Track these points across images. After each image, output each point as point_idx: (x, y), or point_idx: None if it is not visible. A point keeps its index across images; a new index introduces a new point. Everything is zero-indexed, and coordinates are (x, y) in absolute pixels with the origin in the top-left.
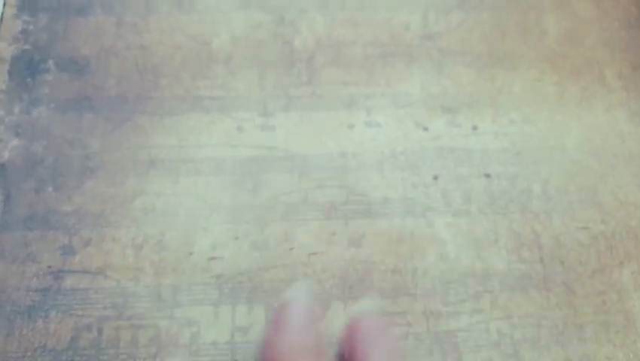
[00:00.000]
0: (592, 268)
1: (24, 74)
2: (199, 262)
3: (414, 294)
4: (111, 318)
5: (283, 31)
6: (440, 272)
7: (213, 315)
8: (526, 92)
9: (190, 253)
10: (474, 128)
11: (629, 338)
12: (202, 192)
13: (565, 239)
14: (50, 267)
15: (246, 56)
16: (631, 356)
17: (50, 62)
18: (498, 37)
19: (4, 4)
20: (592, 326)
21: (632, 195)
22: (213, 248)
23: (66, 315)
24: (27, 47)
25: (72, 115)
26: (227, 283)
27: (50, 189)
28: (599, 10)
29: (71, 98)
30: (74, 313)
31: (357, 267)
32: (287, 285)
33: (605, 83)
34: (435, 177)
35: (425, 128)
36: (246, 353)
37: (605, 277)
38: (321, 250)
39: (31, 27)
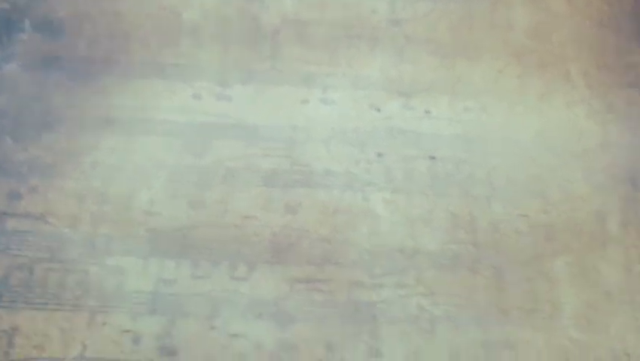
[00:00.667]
0: (526, 256)
1: (0, 32)
2: (136, 215)
3: (341, 263)
4: (43, 260)
5: (252, 7)
6: (371, 245)
7: (142, 266)
8: (487, 83)
9: (129, 207)
10: (427, 112)
11: (553, 325)
12: (152, 151)
13: (502, 225)
14: None
15: (213, 28)
16: (551, 344)
17: (27, 22)
18: (465, 28)
19: None
20: (517, 312)
21: (580, 190)
22: (152, 204)
23: (2, 253)
24: (5, 5)
25: (40, 73)
26: (159, 237)
27: (9, 138)
28: (571, 6)
29: (42, 58)
30: (10, 252)
31: (289, 233)
32: (218, 245)
33: (569, 79)
34: (380, 155)
35: (379, 109)
36: (166, 304)
37: (538, 265)
38: (255, 215)
39: None
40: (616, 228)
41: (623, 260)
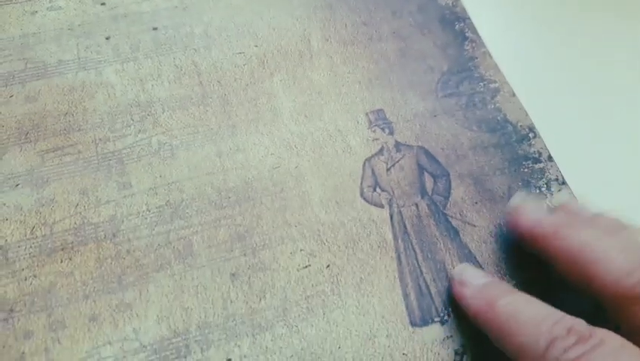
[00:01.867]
0: (245, 82)
1: None
2: None
3: (84, 128)
4: None
5: None
6: (108, 108)
7: None
8: None
9: None
10: None
11: (275, 126)
12: None
13: (222, 64)
14: None
15: None
16: (275, 140)
17: None
18: None
19: None
20: (244, 124)
21: (283, 23)
22: None
23: None
24: None
25: None
26: None
27: None
28: None
29: None
30: None
31: (32, 117)
32: None
33: None
34: (107, 38)
35: (103, 3)
36: None
37: (258, 86)
38: None
39: None
40: (319, 44)
41: (329, 65)
